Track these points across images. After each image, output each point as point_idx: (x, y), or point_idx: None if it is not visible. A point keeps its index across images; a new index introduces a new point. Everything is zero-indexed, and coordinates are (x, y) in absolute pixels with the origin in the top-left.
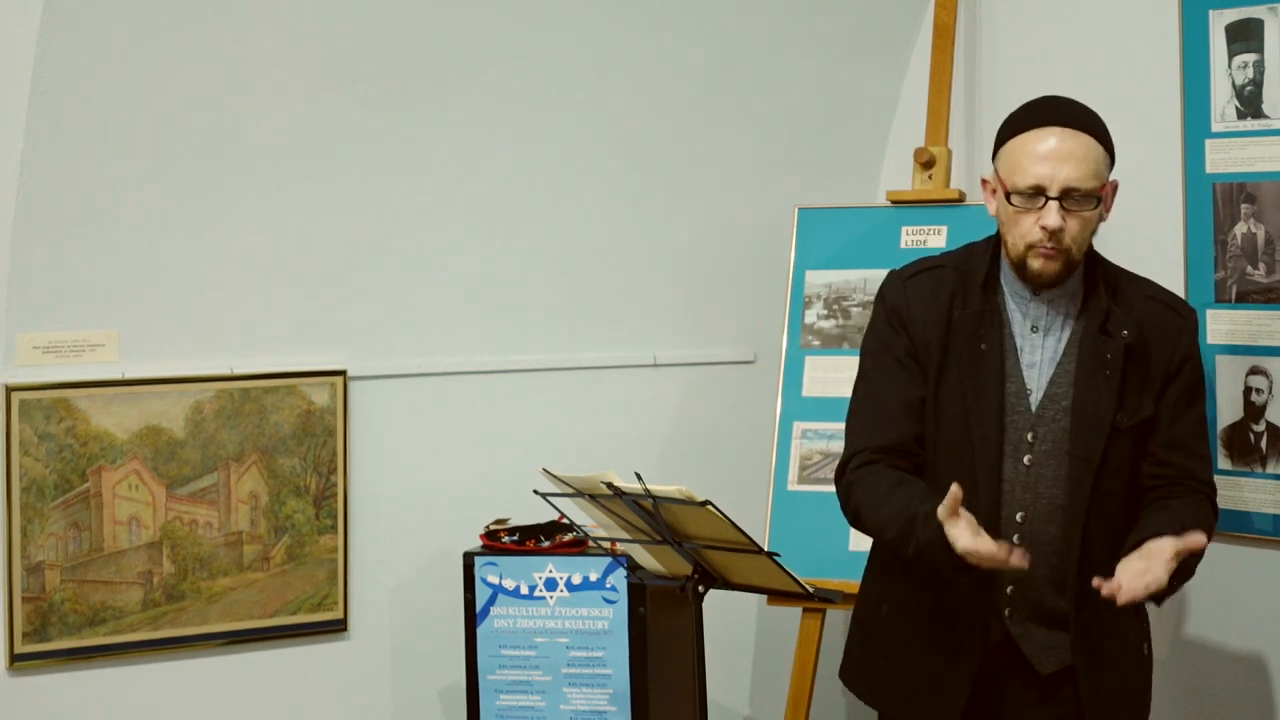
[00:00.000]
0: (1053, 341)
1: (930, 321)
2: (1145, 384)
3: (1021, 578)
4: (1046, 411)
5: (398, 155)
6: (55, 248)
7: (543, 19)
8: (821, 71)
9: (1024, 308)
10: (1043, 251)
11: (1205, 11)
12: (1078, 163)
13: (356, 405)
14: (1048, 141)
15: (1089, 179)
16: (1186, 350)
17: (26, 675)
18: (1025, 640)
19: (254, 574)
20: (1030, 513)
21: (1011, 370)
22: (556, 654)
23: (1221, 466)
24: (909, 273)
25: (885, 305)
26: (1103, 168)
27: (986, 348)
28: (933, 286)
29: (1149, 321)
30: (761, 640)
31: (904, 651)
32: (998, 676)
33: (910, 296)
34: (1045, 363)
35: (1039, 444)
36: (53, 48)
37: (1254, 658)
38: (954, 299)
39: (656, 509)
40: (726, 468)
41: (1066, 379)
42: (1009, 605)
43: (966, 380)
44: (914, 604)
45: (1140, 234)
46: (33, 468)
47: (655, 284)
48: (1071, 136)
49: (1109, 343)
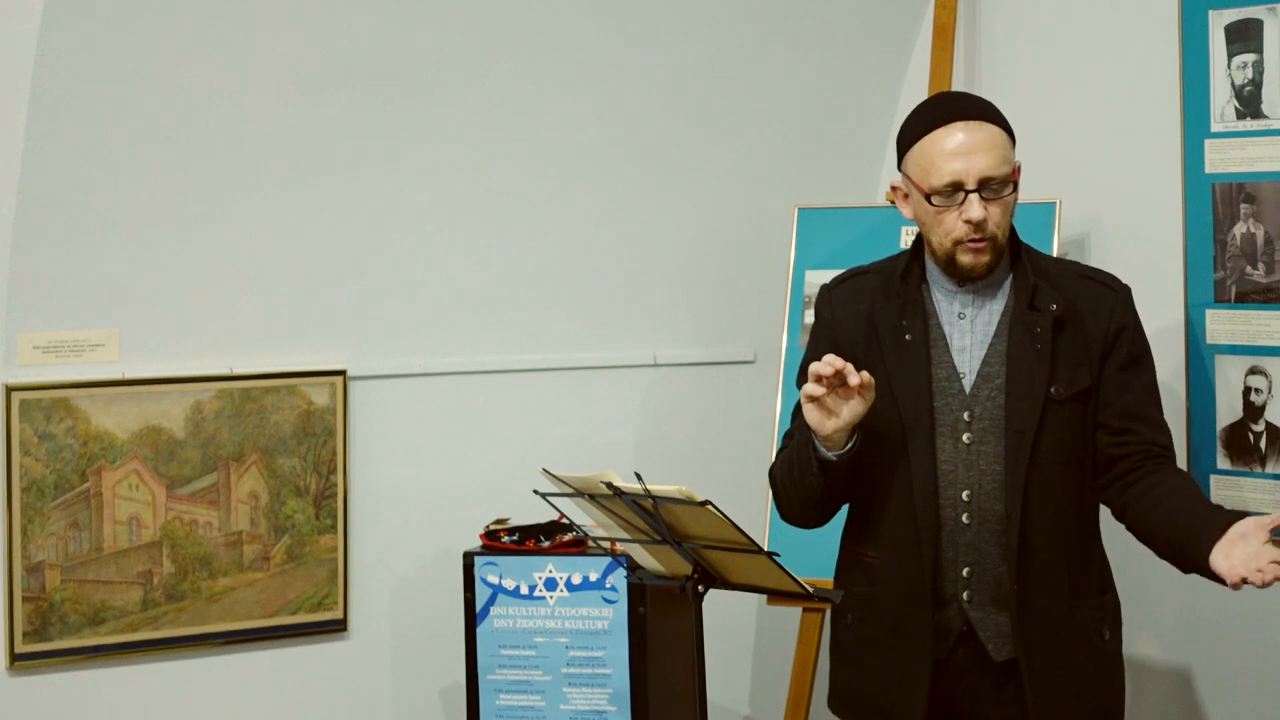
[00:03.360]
0: (982, 325)
1: (853, 322)
2: (1079, 356)
3: (975, 558)
4: (981, 391)
5: (398, 156)
6: (55, 248)
7: (543, 20)
8: (821, 71)
9: (949, 298)
10: (970, 246)
11: (1205, 12)
12: (988, 152)
13: (356, 405)
14: (955, 137)
15: (1001, 165)
16: (1121, 321)
17: (26, 675)
18: (982, 625)
19: (254, 574)
20: (975, 490)
21: (940, 356)
22: (556, 654)
23: (1221, 466)
24: (836, 281)
25: (815, 316)
26: (1009, 151)
27: (911, 337)
28: (856, 290)
29: (1080, 296)
30: (761, 640)
31: (866, 658)
32: (959, 668)
33: (834, 303)
34: (976, 345)
35: (976, 422)
36: (53, 47)
37: (1254, 658)
38: (875, 298)
39: (656, 509)
40: (726, 468)
41: (999, 358)
42: (967, 588)
43: (892, 369)
44: (873, 607)
45: (1140, 234)
46: (33, 468)
47: (655, 284)
48: (976, 128)
49: (1038, 317)
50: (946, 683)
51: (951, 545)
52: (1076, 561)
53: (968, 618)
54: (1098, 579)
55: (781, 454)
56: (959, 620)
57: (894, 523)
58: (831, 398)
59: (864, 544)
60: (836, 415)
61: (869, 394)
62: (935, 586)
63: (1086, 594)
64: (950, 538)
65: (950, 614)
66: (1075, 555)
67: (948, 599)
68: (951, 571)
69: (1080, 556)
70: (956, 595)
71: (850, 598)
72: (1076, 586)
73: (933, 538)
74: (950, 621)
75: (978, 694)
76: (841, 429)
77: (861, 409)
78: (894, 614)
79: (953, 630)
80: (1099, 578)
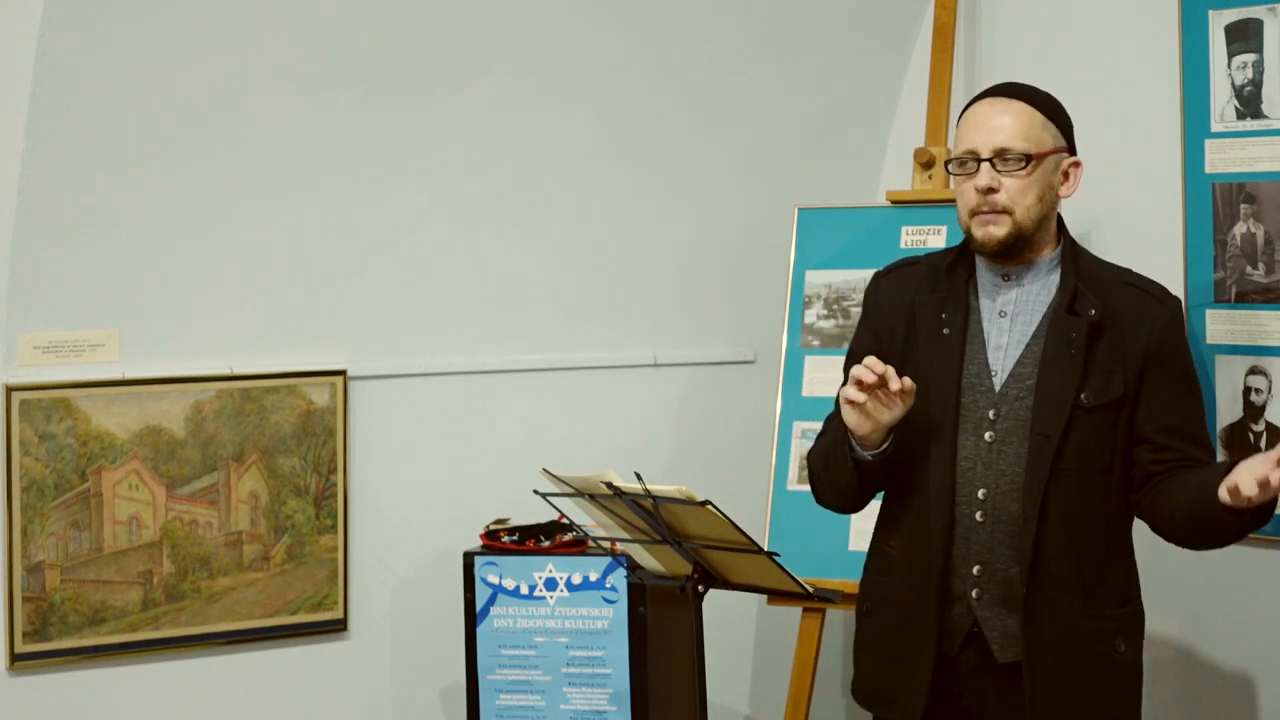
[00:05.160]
0: (1021, 325)
1: (896, 312)
2: (1114, 365)
3: (986, 557)
4: (1010, 391)
5: (398, 156)
6: (55, 248)
7: (543, 20)
8: (821, 71)
9: (994, 294)
10: (982, 216)
11: (1205, 11)
12: (1006, 124)
13: (356, 405)
14: (981, 111)
15: (1018, 139)
16: (1164, 334)
17: (26, 675)
18: (989, 625)
19: (254, 574)
20: (992, 489)
21: (975, 353)
22: (556, 654)
23: None
24: (886, 270)
25: (864, 302)
26: (1038, 131)
27: (949, 331)
28: (902, 280)
29: (1123, 304)
30: (761, 640)
31: (876, 647)
32: (968, 669)
33: (881, 290)
34: (1012, 345)
35: (1001, 421)
36: (53, 48)
37: (1256, 658)
38: (920, 289)
39: (656, 509)
40: (726, 468)
41: (1033, 360)
42: (976, 586)
43: (929, 362)
44: (888, 596)
45: (1140, 234)
46: (33, 468)
47: (655, 284)
48: (1002, 103)
49: (1074, 322)
50: (955, 681)
51: (964, 542)
52: (1092, 570)
53: (975, 616)
54: (1117, 590)
55: (821, 440)
56: (967, 618)
57: (912, 515)
58: (872, 401)
59: (886, 533)
60: (876, 418)
61: (909, 398)
62: (944, 582)
63: (1101, 603)
64: (963, 534)
65: (959, 611)
66: (1091, 563)
67: (956, 596)
68: (962, 568)
69: (1097, 565)
70: (965, 593)
71: (868, 585)
72: (1091, 595)
73: (945, 533)
74: (959, 619)
75: (984, 695)
76: (879, 431)
77: (901, 412)
78: (903, 605)
79: (961, 628)
80: (1119, 589)
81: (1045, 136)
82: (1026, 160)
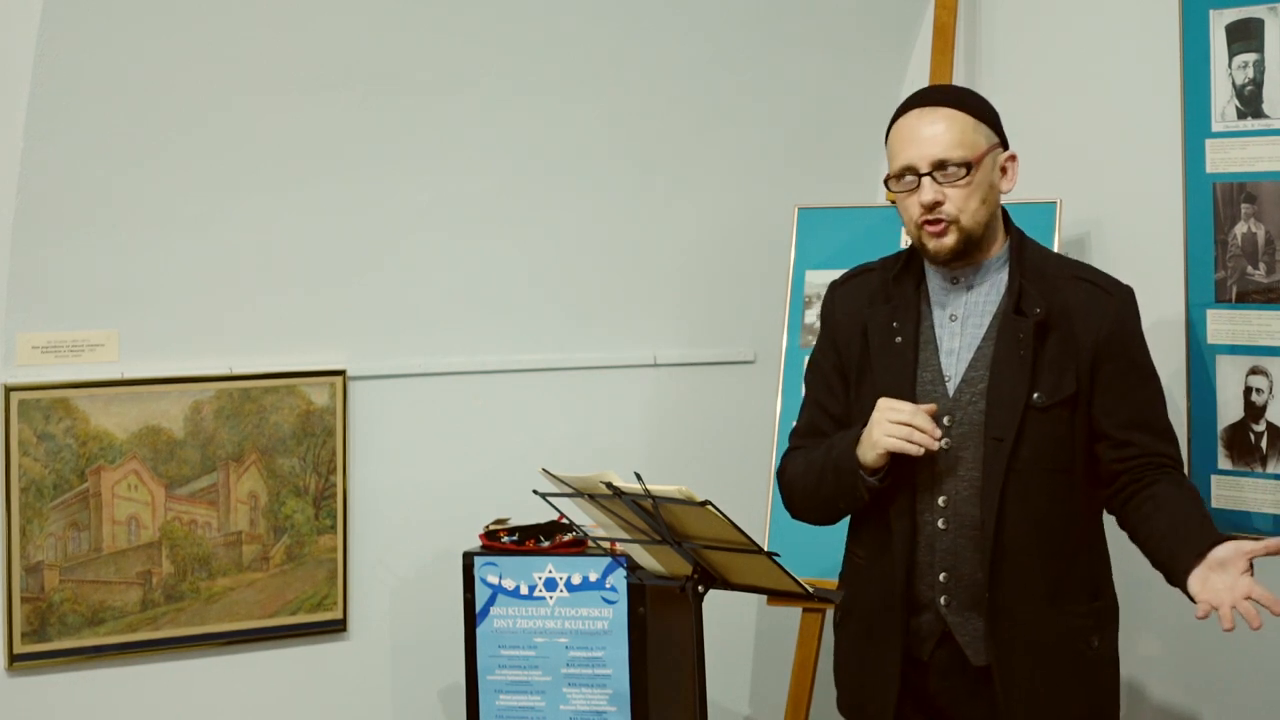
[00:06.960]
0: (972, 328)
1: (852, 323)
2: (1066, 361)
3: (952, 563)
4: (963, 396)
5: (397, 156)
6: (55, 248)
7: (543, 21)
8: (821, 71)
9: (944, 299)
10: (929, 229)
11: (1205, 11)
12: (939, 134)
13: (356, 405)
14: (909, 124)
15: (954, 148)
16: (1115, 325)
17: (26, 675)
18: (960, 630)
19: (253, 574)
20: (952, 495)
21: (928, 359)
22: (556, 654)
23: (1221, 466)
24: (841, 280)
25: (821, 315)
26: (971, 135)
27: (901, 340)
28: (857, 290)
29: (1073, 300)
30: (761, 640)
31: (847, 656)
32: (941, 669)
33: (836, 302)
34: (964, 349)
35: (956, 427)
36: (53, 48)
37: (1255, 658)
38: (873, 298)
39: (656, 509)
40: (726, 468)
41: (984, 362)
42: (945, 593)
43: (881, 372)
44: (853, 606)
45: (1140, 234)
46: (32, 468)
47: (655, 284)
48: (929, 113)
49: (1021, 322)
50: (928, 682)
51: (928, 549)
52: (1059, 569)
53: (946, 622)
54: (1087, 586)
55: (798, 455)
56: (938, 624)
57: (876, 524)
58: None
59: (855, 544)
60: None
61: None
62: (909, 590)
63: (1070, 600)
64: (927, 542)
65: (928, 619)
66: (1058, 563)
67: (925, 603)
68: (929, 576)
69: (1064, 564)
70: (934, 600)
71: (843, 596)
72: (1058, 594)
73: (907, 541)
74: (929, 625)
75: (957, 694)
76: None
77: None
78: (871, 615)
79: (932, 634)
80: (1089, 585)
81: (979, 139)
82: (967, 168)
